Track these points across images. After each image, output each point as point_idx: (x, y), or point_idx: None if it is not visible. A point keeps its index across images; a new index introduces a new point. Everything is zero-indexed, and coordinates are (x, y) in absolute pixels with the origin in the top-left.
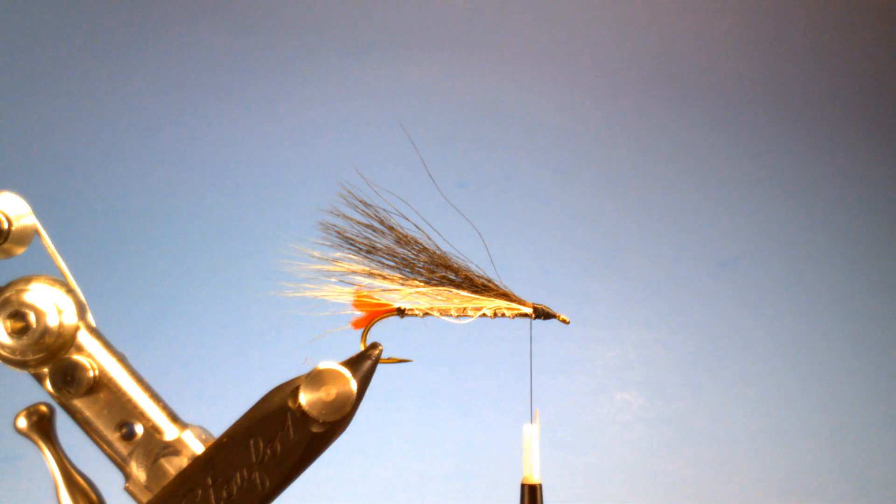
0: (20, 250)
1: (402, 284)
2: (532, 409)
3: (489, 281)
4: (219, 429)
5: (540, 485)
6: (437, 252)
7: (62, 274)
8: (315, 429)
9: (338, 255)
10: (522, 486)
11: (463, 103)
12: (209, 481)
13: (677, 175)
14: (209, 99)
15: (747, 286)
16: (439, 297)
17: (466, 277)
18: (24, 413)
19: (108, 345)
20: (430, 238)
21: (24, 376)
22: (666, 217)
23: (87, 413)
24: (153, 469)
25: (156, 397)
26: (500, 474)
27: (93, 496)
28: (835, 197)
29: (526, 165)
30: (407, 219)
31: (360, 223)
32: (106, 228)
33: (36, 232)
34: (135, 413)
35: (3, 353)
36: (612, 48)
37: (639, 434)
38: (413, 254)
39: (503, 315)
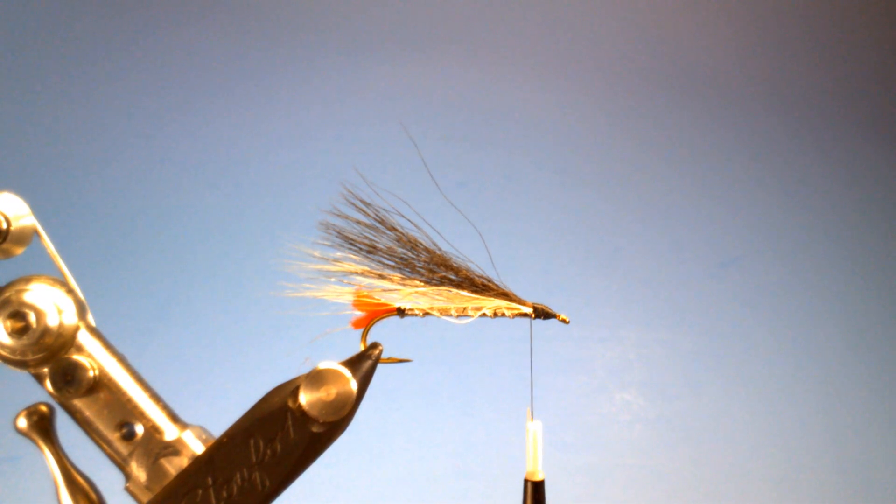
0: (19, 250)
1: (402, 284)
2: (532, 408)
3: (489, 281)
4: (219, 429)
5: (543, 480)
6: (437, 252)
7: (62, 274)
8: (315, 429)
9: (338, 255)
10: (526, 481)
11: (463, 103)
12: (209, 481)
13: (677, 175)
14: (209, 99)
15: (747, 286)
16: (439, 297)
17: (466, 277)
18: (24, 413)
19: (108, 345)
20: (430, 238)
21: (24, 376)
22: (666, 217)
23: (87, 413)
24: (153, 469)
25: (156, 397)
26: (500, 474)
27: (93, 496)
28: (835, 197)
29: (526, 165)
30: (407, 219)
31: (360, 223)
32: (106, 228)
33: (35, 232)
34: (135, 413)
35: (3, 353)
36: (612, 48)
37: (639, 434)
38: (413, 254)
39: (503, 315)
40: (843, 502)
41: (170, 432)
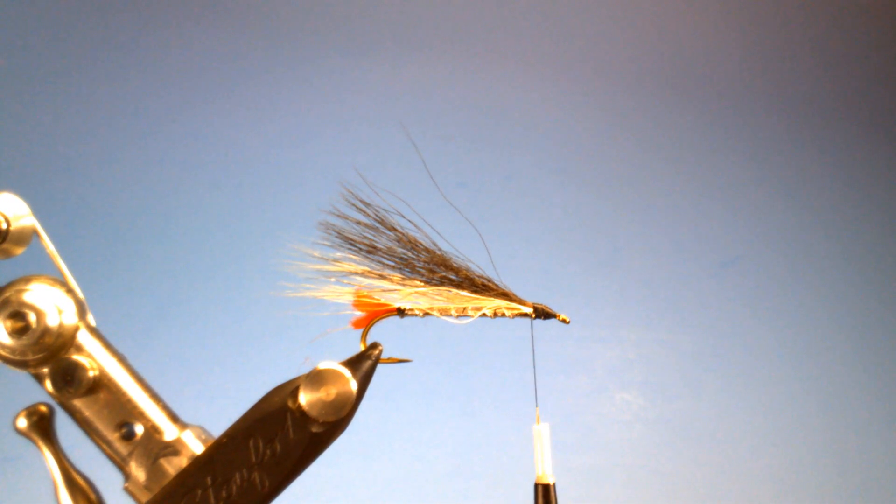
0: (19, 250)
1: (402, 284)
2: (536, 409)
3: (489, 281)
4: (219, 429)
5: (553, 484)
6: (437, 252)
7: (62, 274)
8: (315, 429)
9: (338, 255)
10: (536, 485)
11: (463, 103)
12: (209, 481)
13: (677, 175)
14: (209, 99)
15: (748, 286)
16: (439, 297)
17: (466, 277)
18: (24, 413)
19: (108, 345)
20: (430, 238)
21: (24, 376)
22: (666, 217)
23: (87, 413)
24: (153, 469)
25: (156, 397)
26: (500, 474)
27: (92, 496)
28: (835, 197)
29: (526, 165)
30: (407, 219)
31: (360, 223)
32: (106, 228)
33: (35, 232)
34: (135, 413)
35: (3, 353)
36: (612, 48)
37: (639, 434)
38: (413, 254)
39: (503, 315)
40: (843, 502)
41: (169, 432)
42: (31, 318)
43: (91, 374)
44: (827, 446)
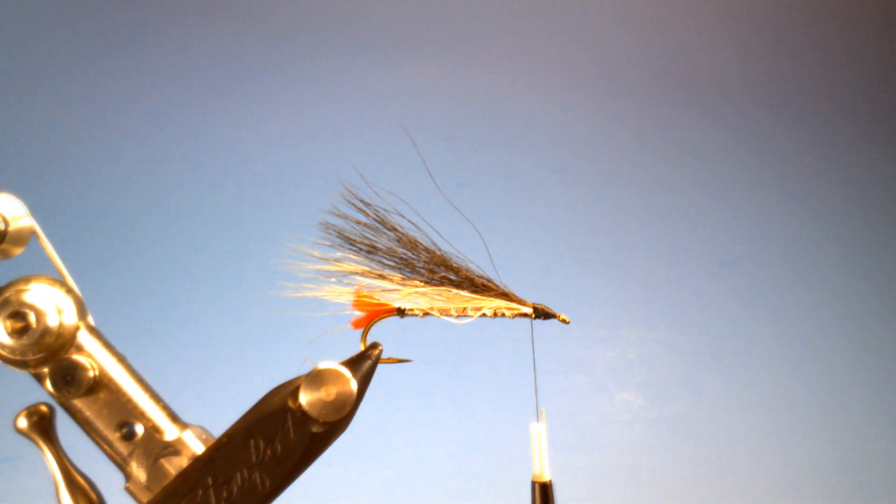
0: (18, 251)
1: (402, 284)
2: (538, 408)
3: (489, 281)
4: (219, 429)
5: (551, 482)
6: (437, 252)
7: (61, 274)
8: (315, 429)
9: (338, 255)
10: (533, 483)
11: (463, 103)
12: (209, 481)
13: (677, 175)
14: (209, 99)
15: (747, 286)
16: (439, 297)
17: (466, 277)
18: (24, 413)
19: (108, 345)
20: (430, 238)
21: (24, 376)
22: (666, 217)
23: (88, 413)
24: (153, 469)
25: (156, 397)
26: (501, 474)
27: (93, 496)
28: (835, 197)
29: (526, 165)
30: (407, 219)
31: (360, 223)
32: (106, 228)
33: (34, 233)
34: (135, 413)
35: (3, 353)
36: (612, 48)
37: (639, 434)
38: (413, 254)
39: (503, 315)
40: (843, 502)
41: (170, 432)
42: (31, 318)
43: (91, 374)
44: (827, 446)
